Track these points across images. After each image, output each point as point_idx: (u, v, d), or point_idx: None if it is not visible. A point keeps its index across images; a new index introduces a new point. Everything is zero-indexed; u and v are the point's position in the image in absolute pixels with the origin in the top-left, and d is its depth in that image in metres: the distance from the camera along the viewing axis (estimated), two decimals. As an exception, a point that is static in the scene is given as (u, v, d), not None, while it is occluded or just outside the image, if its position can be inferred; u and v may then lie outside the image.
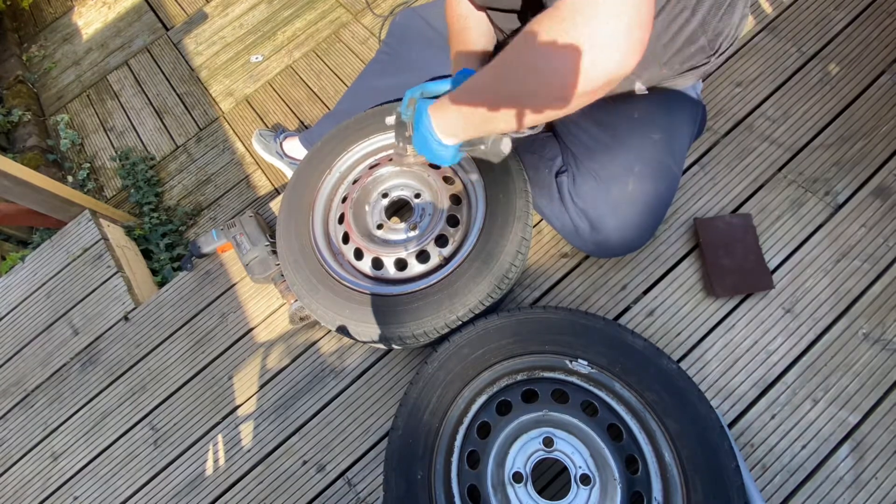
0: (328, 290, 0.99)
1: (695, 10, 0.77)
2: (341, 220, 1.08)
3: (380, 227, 1.06)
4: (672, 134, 0.93)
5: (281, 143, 1.64)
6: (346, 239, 1.06)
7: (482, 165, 1.02)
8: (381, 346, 1.00)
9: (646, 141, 0.92)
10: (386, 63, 1.22)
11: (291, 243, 1.06)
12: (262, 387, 1.13)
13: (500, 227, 0.95)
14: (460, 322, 0.92)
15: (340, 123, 1.18)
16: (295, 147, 1.60)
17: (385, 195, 1.09)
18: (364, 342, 1.00)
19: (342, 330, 0.98)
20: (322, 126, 1.40)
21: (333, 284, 1.00)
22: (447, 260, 0.98)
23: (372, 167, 1.11)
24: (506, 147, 0.76)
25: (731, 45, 0.87)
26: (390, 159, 1.09)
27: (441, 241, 1.00)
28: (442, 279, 0.94)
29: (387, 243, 1.03)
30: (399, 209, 1.21)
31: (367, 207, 1.09)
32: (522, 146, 1.04)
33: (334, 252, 1.06)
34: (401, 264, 1.00)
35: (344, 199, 1.10)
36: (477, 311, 0.92)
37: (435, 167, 1.06)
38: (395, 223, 1.10)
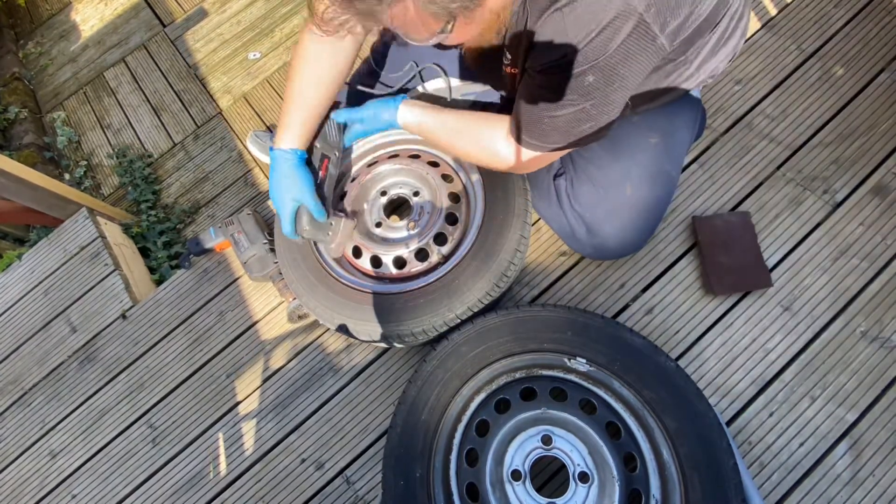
0: (327, 289, 0.99)
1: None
2: (340, 217, 1.07)
3: (378, 225, 1.06)
4: (671, 137, 0.93)
5: None
6: (344, 237, 1.06)
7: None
8: (380, 344, 0.99)
9: (644, 145, 0.92)
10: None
11: (290, 241, 1.06)
12: (260, 385, 1.13)
13: (499, 226, 0.95)
14: (459, 320, 0.92)
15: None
16: None
17: (384, 193, 1.09)
18: (363, 340, 1.00)
19: (341, 328, 0.98)
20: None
21: (332, 283, 0.99)
22: (446, 258, 0.98)
23: (370, 165, 1.11)
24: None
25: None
26: (392, 156, 1.09)
27: (440, 239, 0.99)
28: (441, 277, 0.94)
29: (385, 241, 1.03)
30: (398, 207, 1.20)
31: (365, 205, 1.09)
32: None
33: (333, 250, 1.06)
34: (399, 262, 1.00)
35: (342, 197, 1.10)
36: (476, 310, 0.92)
37: (434, 165, 1.05)
38: (394, 221, 1.10)
